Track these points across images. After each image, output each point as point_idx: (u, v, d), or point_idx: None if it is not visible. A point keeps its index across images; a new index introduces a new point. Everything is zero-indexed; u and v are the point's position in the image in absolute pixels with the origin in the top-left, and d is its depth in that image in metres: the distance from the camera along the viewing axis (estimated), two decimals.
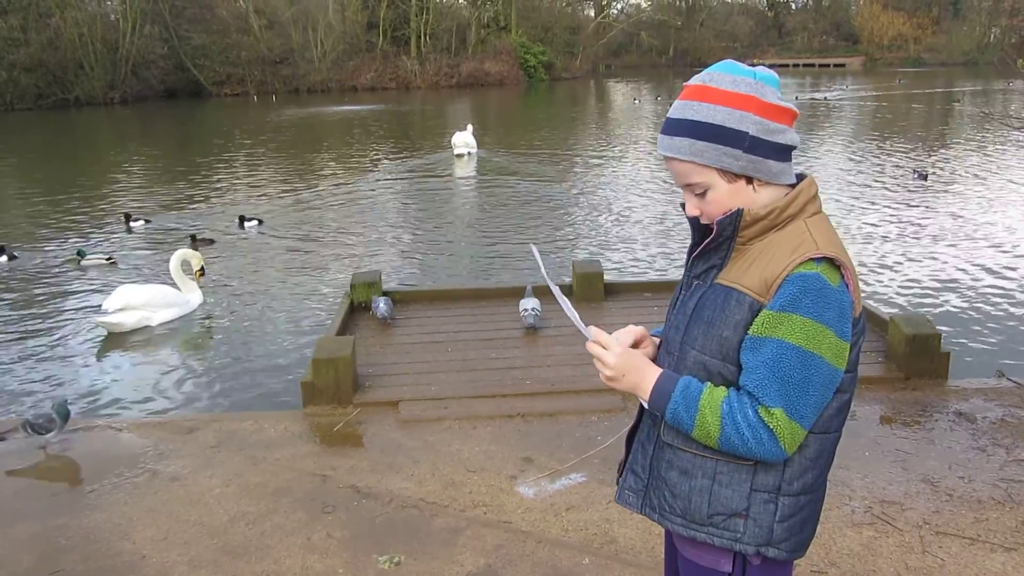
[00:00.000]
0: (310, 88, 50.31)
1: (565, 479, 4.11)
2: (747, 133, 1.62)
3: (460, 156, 19.76)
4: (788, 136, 1.65)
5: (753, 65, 1.70)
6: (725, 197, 1.69)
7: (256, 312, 8.23)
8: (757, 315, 1.62)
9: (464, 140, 20.01)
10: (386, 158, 20.66)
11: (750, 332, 1.62)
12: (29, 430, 4.43)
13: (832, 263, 1.60)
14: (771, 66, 1.76)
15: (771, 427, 1.59)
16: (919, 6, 73.31)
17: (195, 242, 10.99)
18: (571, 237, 11.44)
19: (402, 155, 21.22)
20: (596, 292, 6.96)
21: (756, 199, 1.68)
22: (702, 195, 1.71)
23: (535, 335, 6.13)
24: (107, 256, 10.36)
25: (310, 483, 4.14)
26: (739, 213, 1.66)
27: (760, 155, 1.64)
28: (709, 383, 1.68)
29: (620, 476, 1.96)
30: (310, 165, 19.68)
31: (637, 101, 39.96)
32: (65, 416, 4.54)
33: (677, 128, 1.67)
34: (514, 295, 7.09)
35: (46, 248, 11.30)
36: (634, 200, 14.03)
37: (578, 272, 6.99)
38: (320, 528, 3.72)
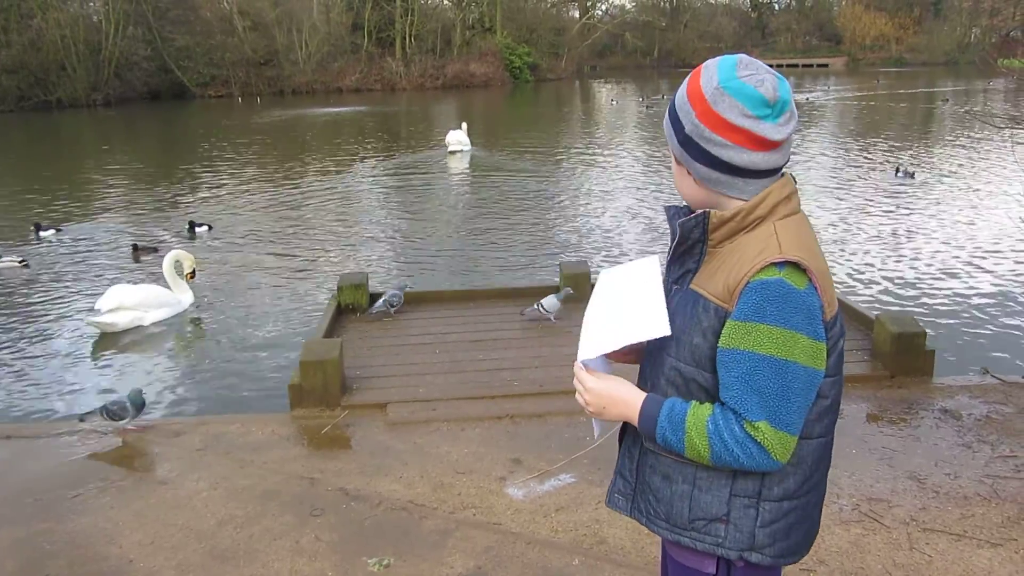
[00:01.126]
0: (295, 90, 50.12)
1: (554, 480, 4.11)
2: (684, 127, 1.64)
3: (453, 153, 20.42)
4: (729, 153, 1.60)
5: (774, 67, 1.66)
6: (675, 172, 1.76)
7: (244, 314, 8.20)
8: (724, 321, 1.61)
9: (458, 138, 20.73)
10: (374, 159, 20.63)
11: (720, 344, 1.61)
12: (105, 415, 4.66)
13: (797, 266, 1.57)
14: None
15: (759, 440, 1.58)
16: (901, 6, 73.83)
17: (136, 251, 10.78)
18: (559, 237, 11.45)
19: (391, 155, 21.23)
20: (584, 291, 6.95)
21: (699, 192, 1.70)
22: None
23: (524, 336, 6.13)
24: (20, 259, 10.41)
25: (298, 486, 4.12)
26: (706, 216, 1.66)
27: (689, 154, 1.65)
28: (694, 402, 1.67)
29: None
30: (296, 166, 19.59)
31: (615, 102, 40.10)
32: (139, 405, 4.73)
33: (673, 95, 1.72)
34: (502, 296, 7.11)
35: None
36: (621, 200, 14.06)
37: (566, 273, 6.99)
38: (309, 531, 3.70)
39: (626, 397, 1.74)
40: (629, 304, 1.75)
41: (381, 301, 6.63)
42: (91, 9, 46.89)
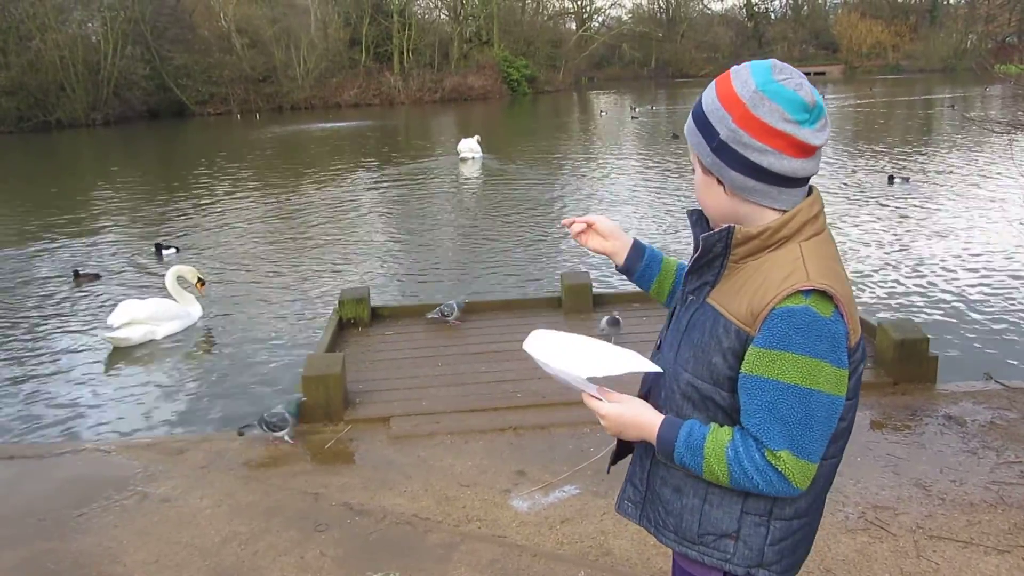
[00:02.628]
0: (293, 106, 50.26)
1: (559, 492, 4.10)
2: (718, 133, 1.59)
3: (465, 160, 21.48)
4: (769, 159, 1.56)
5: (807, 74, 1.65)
6: (700, 184, 1.69)
7: (247, 329, 8.18)
8: (745, 344, 1.59)
9: (469, 146, 21.87)
10: (374, 172, 20.66)
11: (743, 370, 1.58)
12: (264, 427, 4.68)
13: (824, 293, 1.54)
14: None
15: (779, 469, 1.56)
16: (896, 14, 74.11)
17: (78, 277, 10.39)
18: (559, 247, 11.45)
19: (391, 168, 21.27)
20: (584, 303, 6.96)
21: (727, 203, 1.64)
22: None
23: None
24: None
25: (302, 502, 4.11)
26: (730, 231, 1.61)
27: (724, 161, 1.59)
28: (713, 425, 1.65)
29: (611, 463, 1.99)
30: (296, 181, 19.60)
31: (604, 113, 40.19)
32: (297, 416, 4.74)
33: (696, 103, 1.67)
34: (503, 308, 7.11)
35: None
36: (622, 210, 14.07)
37: (567, 284, 6.99)
38: (313, 547, 3.69)
39: (642, 421, 1.72)
40: (596, 350, 1.78)
41: (436, 310, 6.79)
42: (89, 30, 46.99)
